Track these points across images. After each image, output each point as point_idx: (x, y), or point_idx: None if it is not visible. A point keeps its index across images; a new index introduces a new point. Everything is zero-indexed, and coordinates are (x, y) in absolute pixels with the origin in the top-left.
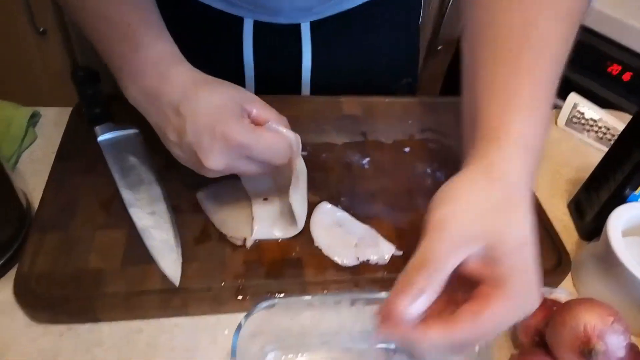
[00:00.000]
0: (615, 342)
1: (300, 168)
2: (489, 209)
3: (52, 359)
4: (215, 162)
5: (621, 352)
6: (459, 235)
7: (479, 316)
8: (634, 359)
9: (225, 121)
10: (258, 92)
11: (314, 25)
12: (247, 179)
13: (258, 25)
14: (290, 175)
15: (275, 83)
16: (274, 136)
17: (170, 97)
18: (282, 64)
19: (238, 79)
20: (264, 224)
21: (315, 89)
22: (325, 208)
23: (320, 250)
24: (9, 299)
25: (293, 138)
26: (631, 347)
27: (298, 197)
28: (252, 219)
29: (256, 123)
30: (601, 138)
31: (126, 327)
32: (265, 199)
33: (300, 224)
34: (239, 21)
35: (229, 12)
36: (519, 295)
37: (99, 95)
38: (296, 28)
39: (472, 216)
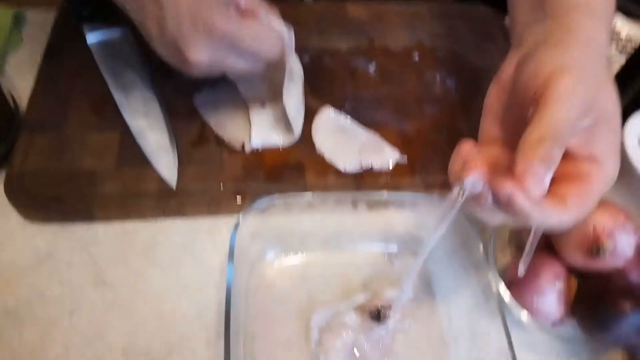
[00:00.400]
0: (625, 241)
1: (294, 67)
2: (595, 82)
3: (47, 258)
4: (199, 54)
5: (630, 252)
6: (585, 105)
7: (587, 197)
8: None
9: (208, 8)
10: None
11: None
12: (243, 82)
13: None
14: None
15: None
16: (263, 27)
17: None
18: None
19: None
20: (261, 130)
21: None
22: (328, 113)
23: (323, 156)
24: (2, 199)
25: (285, 30)
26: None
27: (292, 99)
28: (250, 125)
29: (244, 16)
30: (622, 50)
31: (122, 227)
32: (263, 105)
33: (297, 130)
34: None
35: None
36: (615, 171)
37: None
38: None
39: (590, 87)
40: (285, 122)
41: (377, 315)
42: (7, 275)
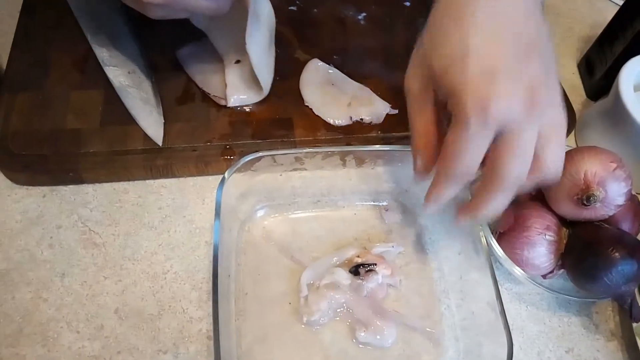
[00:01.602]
0: (616, 189)
1: (260, 10)
2: (432, 31)
3: (36, 220)
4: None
5: (621, 200)
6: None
7: (445, 146)
8: (633, 208)
9: None
10: None
11: None
12: (215, 35)
13: None
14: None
15: None
16: None
17: None
18: None
19: None
20: (237, 88)
21: None
22: (316, 65)
23: (311, 109)
24: None
25: None
26: (632, 199)
27: (257, 47)
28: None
29: None
30: None
31: (111, 188)
32: (238, 62)
33: (265, 83)
34: None
35: None
36: (469, 121)
37: None
38: None
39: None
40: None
41: (356, 271)
42: None
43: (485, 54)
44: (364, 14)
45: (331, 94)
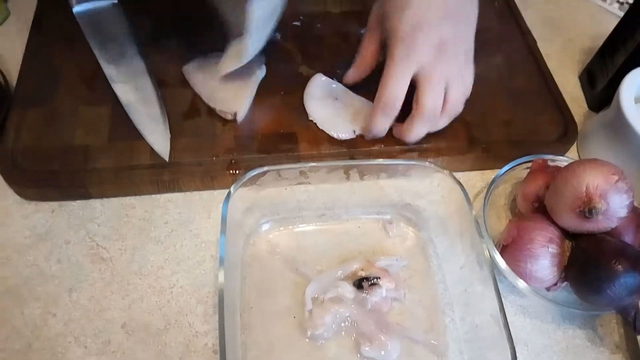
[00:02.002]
0: (618, 201)
1: None
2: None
3: (45, 236)
4: None
5: (623, 212)
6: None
7: (381, 81)
8: (636, 220)
9: None
10: None
11: None
12: (226, 8)
13: None
14: None
15: None
16: None
17: None
18: None
19: None
20: (230, 59)
21: None
22: (320, 80)
23: (315, 124)
24: None
25: None
26: (634, 210)
27: (259, 10)
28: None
29: None
30: (622, 3)
31: (119, 203)
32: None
33: (250, 49)
34: None
35: None
36: (396, 55)
37: None
38: None
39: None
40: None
41: (360, 285)
42: (7, 253)
43: (417, 11)
44: (365, 29)
45: (335, 108)
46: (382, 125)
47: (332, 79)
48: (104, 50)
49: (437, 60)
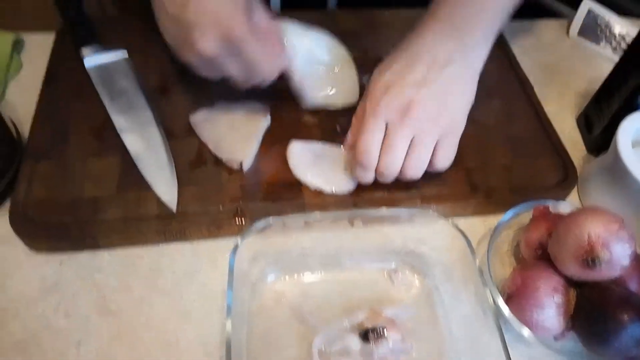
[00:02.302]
0: (620, 250)
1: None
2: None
3: (53, 287)
4: (207, 44)
5: (626, 261)
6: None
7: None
8: (639, 268)
9: (233, 11)
10: (283, 7)
11: None
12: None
13: None
14: None
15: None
16: (272, 49)
17: None
18: None
19: None
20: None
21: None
22: (297, 148)
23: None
24: (8, 230)
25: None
26: (636, 257)
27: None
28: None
29: (261, 34)
30: (615, 48)
31: (126, 254)
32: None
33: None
34: None
35: None
36: (368, 112)
37: (83, 17)
38: None
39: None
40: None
41: (366, 336)
42: (15, 306)
43: (391, 76)
44: (367, 76)
45: (323, 169)
46: (364, 177)
47: (336, 129)
48: (114, 101)
49: (400, 120)
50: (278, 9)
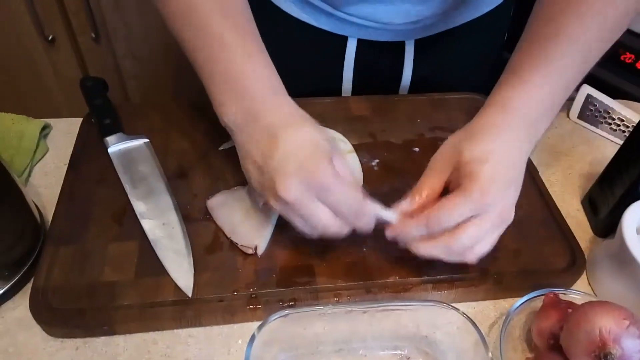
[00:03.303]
0: (631, 345)
1: None
2: (467, 136)
3: None
4: (290, 190)
5: (637, 356)
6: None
7: (442, 204)
8: None
9: (315, 158)
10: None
11: (418, 44)
12: None
13: (361, 43)
14: None
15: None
16: (357, 194)
17: (270, 120)
18: (381, 80)
19: (335, 93)
20: None
21: None
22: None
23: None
24: (26, 314)
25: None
26: None
27: None
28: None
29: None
30: (615, 130)
31: (141, 339)
32: None
33: None
34: (343, 40)
35: (335, 32)
36: (474, 193)
37: (108, 105)
38: (400, 45)
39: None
40: None
41: None
42: None
43: (496, 165)
44: (377, 161)
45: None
46: (411, 235)
47: None
48: (134, 187)
49: (500, 220)
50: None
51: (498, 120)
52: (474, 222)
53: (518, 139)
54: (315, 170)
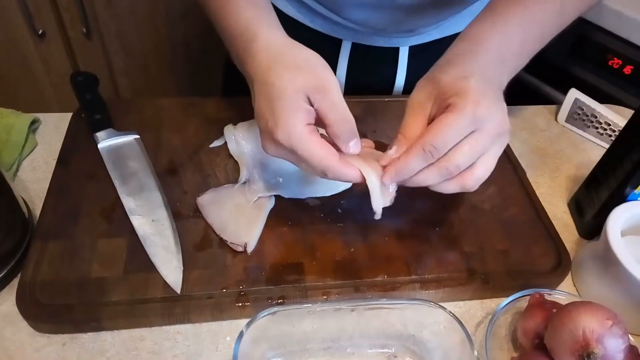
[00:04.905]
0: (614, 345)
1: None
2: (444, 63)
3: None
4: (268, 147)
5: (620, 356)
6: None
7: (434, 126)
8: None
9: (281, 118)
10: None
11: (412, 49)
12: None
13: (355, 46)
14: None
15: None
16: (318, 149)
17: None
18: (374, 84)
19: None
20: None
21: None
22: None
23: (321, 253)
24: (12, 310)
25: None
26: (631, 349)
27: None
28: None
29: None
30: (602, 134)
31: (129, 335)
32: None
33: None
34: (337, 42)
35: (330, 34)
36: (467, 107)
37: (99, 100)
38: (394, 51)
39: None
40: None
41: None
42: None
43: (481, 81)
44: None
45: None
46: (411, 170)
47: (337, 210)
48: (124, 183)
49: (497, 133)
50: None
51: (473, 48)
52: (472, 137)
53: (493, 66)
54: (274, 133)
